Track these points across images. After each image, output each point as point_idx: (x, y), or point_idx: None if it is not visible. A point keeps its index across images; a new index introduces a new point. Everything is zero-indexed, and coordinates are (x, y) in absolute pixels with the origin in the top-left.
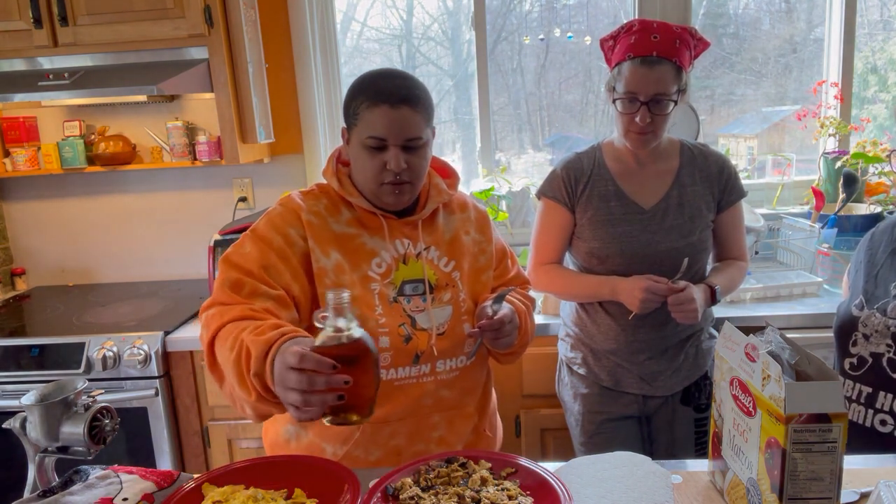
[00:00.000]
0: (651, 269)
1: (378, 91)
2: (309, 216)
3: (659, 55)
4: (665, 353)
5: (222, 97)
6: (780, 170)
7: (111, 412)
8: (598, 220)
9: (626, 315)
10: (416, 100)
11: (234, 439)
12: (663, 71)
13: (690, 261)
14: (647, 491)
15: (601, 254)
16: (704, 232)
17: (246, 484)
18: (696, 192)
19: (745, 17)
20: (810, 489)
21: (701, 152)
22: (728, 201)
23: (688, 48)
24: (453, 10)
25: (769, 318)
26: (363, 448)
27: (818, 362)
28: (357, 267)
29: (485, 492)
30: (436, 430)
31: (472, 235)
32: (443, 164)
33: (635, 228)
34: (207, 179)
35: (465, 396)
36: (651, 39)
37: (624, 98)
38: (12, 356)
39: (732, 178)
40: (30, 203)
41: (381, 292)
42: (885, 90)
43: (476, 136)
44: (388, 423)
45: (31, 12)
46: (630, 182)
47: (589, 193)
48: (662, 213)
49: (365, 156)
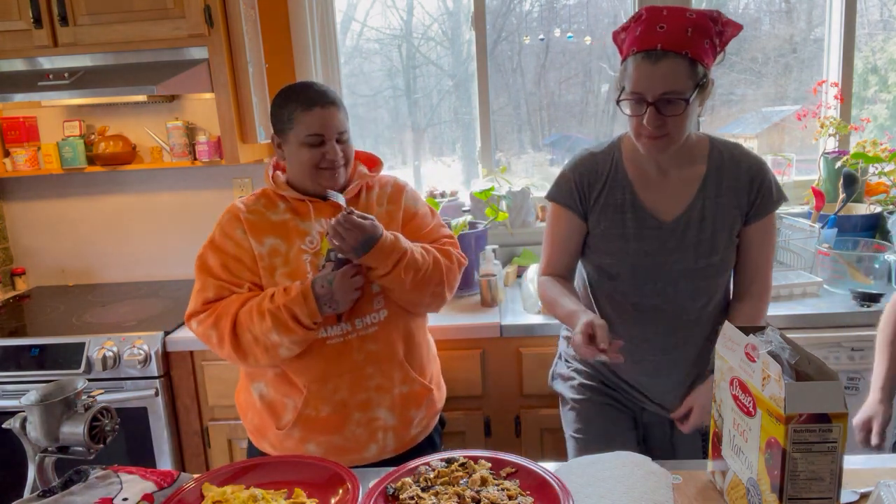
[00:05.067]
0: (665, 291)
1: (309, 98)
2: (247, 215)
3: (665, 48)
4: (669, 375)
5: (222, 97)
6: (780, 170)
7: (111, 412)
8: (612, 234)
9: (628, 332)
10: (339, 102)
11: (234, 439)
12: (671, 66)
13: (707, 285)
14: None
15: (612, 271)
16: (728, 250)
17: (246, 484)
18: (722, 204)
19: (744, 17)
20: (810, 489)
21: (732, 156)
22: (758, 213)
23: (706, 36)
24: (453, 10)
25: (769, 318)
26: (313, 406)
27: (818, 362)
28: (292, 245)
29: (485, 492)
30: (372, 379)
31: (384, 207)
32: (368, 155)
33: (651, 245)
34: (207, 179)
35: (390, 346)
36: (657, 30)
37: (630, 98)
38: (12, 356)
39: (766, 188)
40: (30, 203)
41: (311, 261)
42: (886, 90)
43: (476, 136)
44: (328, 380)
45: (31, 12)
46: (649, 191)
47: (604, 202)
48: (683, 228)
49: (305, 151)
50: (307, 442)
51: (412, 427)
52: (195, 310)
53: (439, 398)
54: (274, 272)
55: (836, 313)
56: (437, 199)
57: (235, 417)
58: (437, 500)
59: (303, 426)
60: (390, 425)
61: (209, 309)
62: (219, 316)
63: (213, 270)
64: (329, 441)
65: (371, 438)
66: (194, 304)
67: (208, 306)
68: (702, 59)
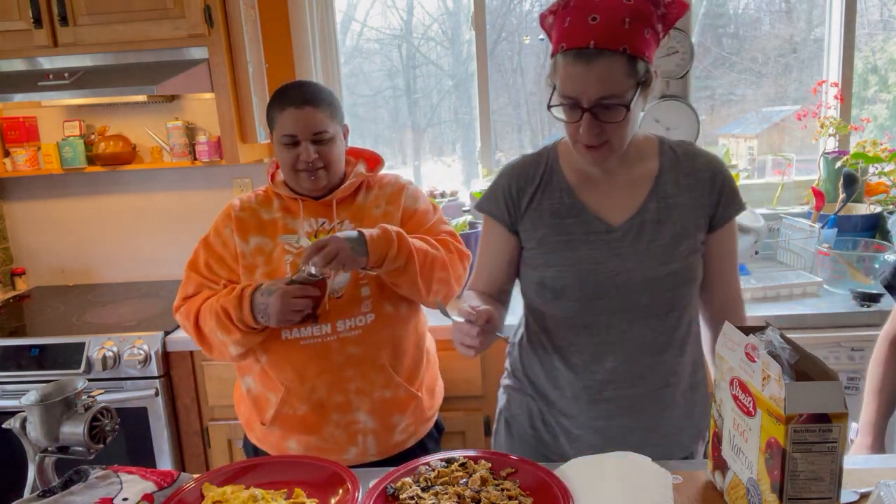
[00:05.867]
0: (622, 306)
1: (284, 97)
2: (239, 213)
3: (599, 45)
4: (637, 418)
5: (222, 97)
6: (780, 170)
7: (111, 412)
8: (552, 242)
9: (596, 361)
10: (318, 101)
11: (234, 439)
12: (606, 66)
13: (673, 297)
14: (647, 491)
15: (556, 285)
16: (692, 257)
17: (246, 484)
18: (681, 203)
19: (744, 17)
20: (810, 489)
21: (686, 152)
22: (724, 216)
23: (647, 24)
24: (453, 10)
25: (769, 318)
26: (290, 405)
27: (818, 362)
28: (277, 244)
29: (485, 492)
30: (352, 381)
31: (382, 208)
32: (370, 154)
33: (601, 253)
34: (207, 179)
35: (375, 351)
36: (589, 23)
37: (563, 103)
38: (12, 356)
39: (729, 186)
40: (30, 203)
41: (293, 262)
42: (886, 90)
43: (476, 136)
44: (305, 380)
45: (31, 12)
46: (593, 193)
47: (538, 207)
48: (636, 231)
49: (283, 152)
50: (288, 439)
51: (395, 432)
52: (176, 304)
53: (430, 406)
54: (254, 271)
55: (836, 313)
56: (437, 199)
57: (235, 417)
58: (437, 500)
59: (281, 423)
60: (370, 429)
61: (187, 303)
62: (188, 311)
63: (197, 266)
64: (308, 440)
65: (350, 441)
66: (177, 299)
67: (186, 301)
68: (643, 54)
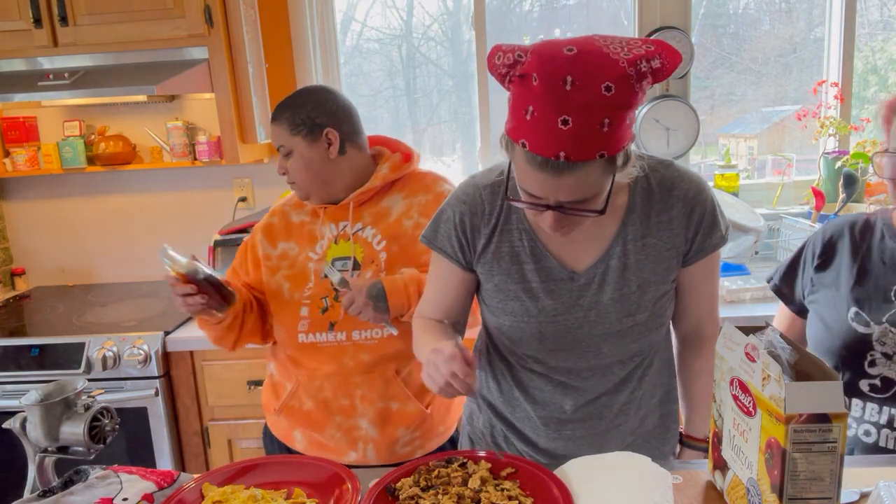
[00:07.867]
0: (582, 361)
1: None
2: (271, 218)
3: (571, 158)
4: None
5: (222, 97)
6: (780, 170)
7: (111, 412)
8: (509, 291)
9: (558, 392)
10: (279, 115)
11: (234, 439)
12: (579, 175)
13: (638, 347)
14: (647, 491)
15: (513, 335)
16: (661, 302)
17: (246, 484)
18: (651, 244)
19: (744, 17)
20: (810, 489)
21: (663, 182)
22: (701, 250)
23: (631, 107)
24: (453, 10)
25: (769, 318)
26: (298, 398)
27: (818, 362)
28: (304, 249)
29: (485, 492)
30: (359, 388)
31: (414, 219)
32: (407, 149)
33: (562, 303)
34: (207, 179)
35: (384, 361)
36: (558, 127)
37: (525, 200)
38: (12, 356)
39: (708, 219)
40: (30, 203)
41: (315, 269)
42: (885, 90)
43: (476, 137)
44: (316, 377)
45: (31, 12)
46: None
47: (495, 251)
48: (600, 279)
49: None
50: (294, 429)
51: (397, 445)
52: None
53: (444, 422)
54: (276, 272)
55: None
56: None
57: (235, 417)
58: (437, 500)
59: (288, 414)
60: (371, 437)
61: None
62: None
63: (236, 258)
64: (311, 436)
65: (351, 445)
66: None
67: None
68: (622, 145)
